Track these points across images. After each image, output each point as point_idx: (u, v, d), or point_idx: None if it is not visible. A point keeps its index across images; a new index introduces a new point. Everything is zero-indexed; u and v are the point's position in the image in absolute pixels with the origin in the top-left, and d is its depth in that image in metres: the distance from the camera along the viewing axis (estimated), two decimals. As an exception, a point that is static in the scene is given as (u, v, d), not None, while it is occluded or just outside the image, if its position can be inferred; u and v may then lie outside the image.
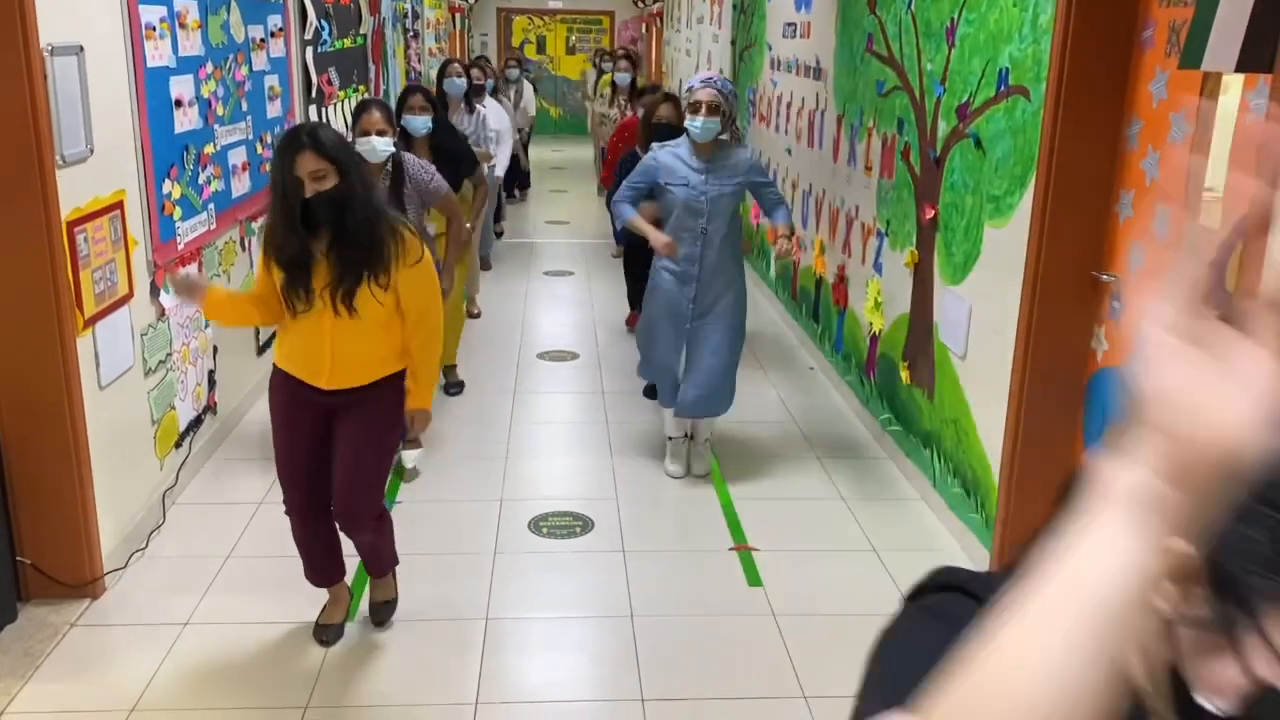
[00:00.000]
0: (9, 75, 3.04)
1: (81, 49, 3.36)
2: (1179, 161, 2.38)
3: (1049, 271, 3.39)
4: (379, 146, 3.98)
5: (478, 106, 7.17)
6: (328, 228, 2.87)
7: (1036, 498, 3.56)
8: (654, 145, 4.46)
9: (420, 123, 4.76)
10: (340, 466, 3.10)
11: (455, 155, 5.03)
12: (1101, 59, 3.21)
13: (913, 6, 4.59)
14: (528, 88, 11.39)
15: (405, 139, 4.77)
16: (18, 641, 3.23)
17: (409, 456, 4.51)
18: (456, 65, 7.26)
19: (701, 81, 4.20)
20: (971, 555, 3.88)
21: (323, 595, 3.35)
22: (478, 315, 6.97)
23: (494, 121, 7.30)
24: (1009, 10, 3.65)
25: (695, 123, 4.15)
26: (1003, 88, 3.70)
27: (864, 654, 0.84)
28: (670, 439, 4.61)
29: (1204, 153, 2.83)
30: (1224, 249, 0.57)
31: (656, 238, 4.23)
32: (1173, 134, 2.99)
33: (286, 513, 3.22)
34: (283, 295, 2.94)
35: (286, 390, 3.09)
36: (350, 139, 3.60)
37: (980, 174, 3.88)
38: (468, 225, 4.86)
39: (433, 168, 4.33)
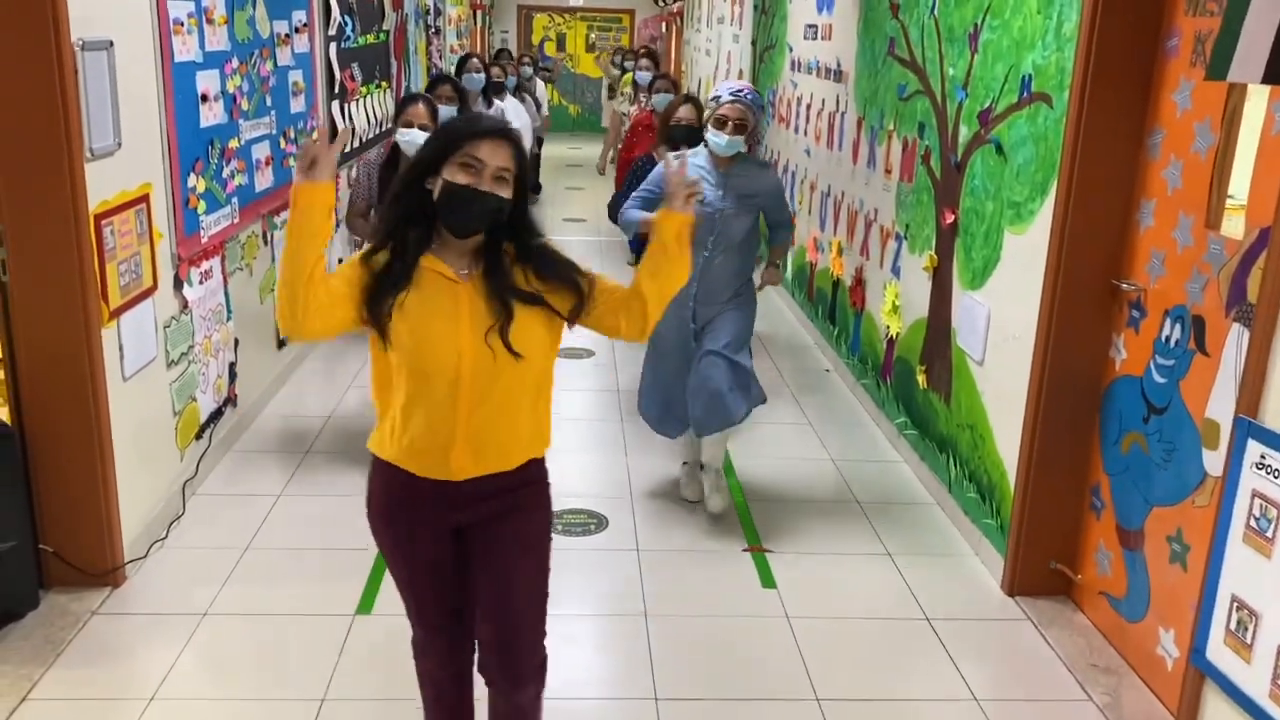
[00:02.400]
0: (40, 69, 3.08)
1: (111, 44, 3.39)
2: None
3: (1068, 278, 3.39)
4: (419, 141, 3.95)
5: (496, 101, 7.18)
6: (489, 243, 2.28)
7: (1052, 504, 3.56)
8: (669, 155, 4.39)
9: (447, 113, 4.77)
10: (491, 603, 2.39)
11: None
12: (1125, 67, 3.20)
13: (936, 11, 4.59)
14: (540, 86, 11.41)
15: None
16: (39, 629, 3.27)
17: None
18: (475, 60, 7.28)
19: (731, 94, 3.90)
20: (986, 561, 3.88)
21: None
22: None
23: (513, 118, 7.33)
24: (1033, 17, 3.65)
25: (720, 139, 3.89)
26: (1025, 94, 3.70)
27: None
28: (685, 464, 4.42)
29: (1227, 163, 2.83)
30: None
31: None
32: (1195, 144, 2.98)
33: (415, 655, 2.55)
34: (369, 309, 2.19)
35: (400, 495, 2.31)
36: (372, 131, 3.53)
37: (1001, 180, 3.88)
38: None
39: None
